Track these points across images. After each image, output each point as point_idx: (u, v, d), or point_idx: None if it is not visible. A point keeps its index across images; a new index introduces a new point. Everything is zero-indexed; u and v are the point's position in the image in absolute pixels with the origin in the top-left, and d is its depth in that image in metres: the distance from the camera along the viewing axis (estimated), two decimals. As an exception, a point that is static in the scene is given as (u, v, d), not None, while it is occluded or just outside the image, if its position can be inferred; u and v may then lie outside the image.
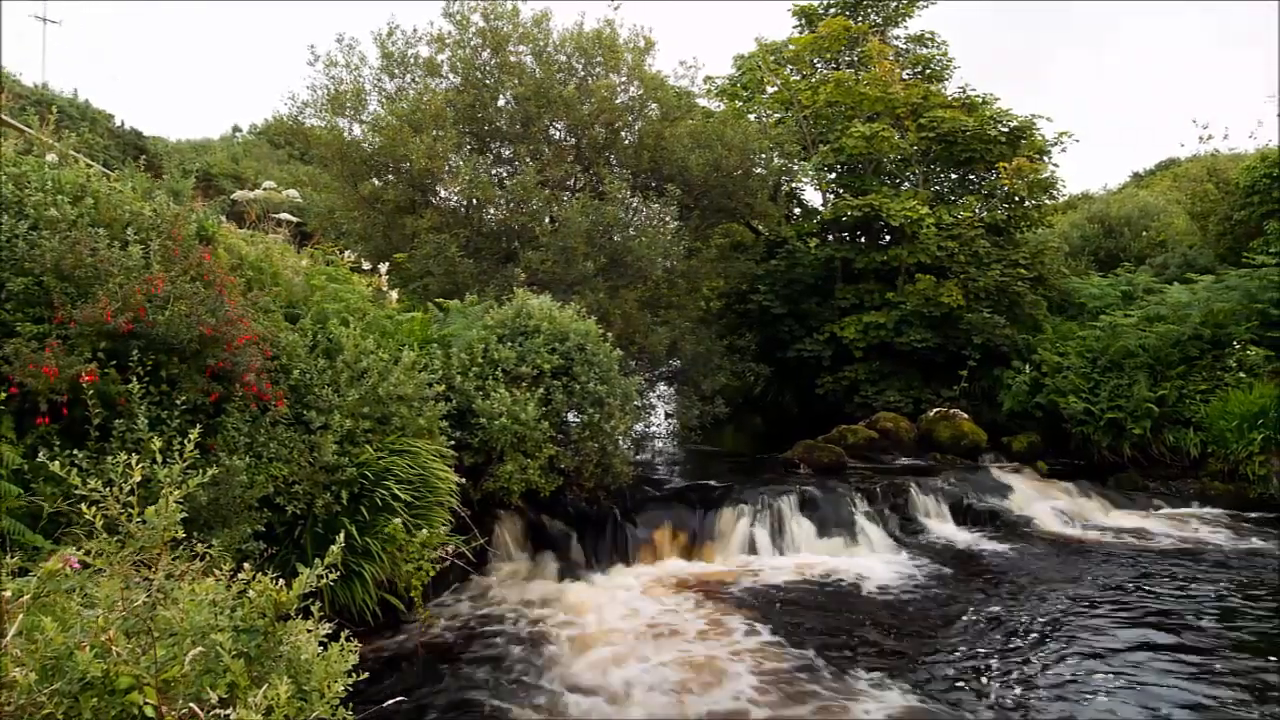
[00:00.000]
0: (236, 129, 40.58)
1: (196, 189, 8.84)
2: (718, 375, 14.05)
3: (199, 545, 4.36)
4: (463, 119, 13.10)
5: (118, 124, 29.71)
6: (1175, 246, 21.51)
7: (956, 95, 17.99)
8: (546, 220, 12.52)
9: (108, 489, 3.22)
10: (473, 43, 13.43)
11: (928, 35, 20.09)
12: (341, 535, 4.08)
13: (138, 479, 3.25)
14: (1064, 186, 18.38)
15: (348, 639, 3.40)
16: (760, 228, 16.66)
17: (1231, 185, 20.39)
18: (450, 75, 13.58)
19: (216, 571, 3.61)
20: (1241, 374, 13.26)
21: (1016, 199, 17.31)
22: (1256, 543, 10.63)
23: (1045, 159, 17.32)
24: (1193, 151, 28.58)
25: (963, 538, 10.96)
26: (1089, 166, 77.31)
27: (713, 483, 11.51)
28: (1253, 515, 11.82)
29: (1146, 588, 8.97)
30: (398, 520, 7.05)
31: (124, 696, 2.74)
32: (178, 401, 5.88)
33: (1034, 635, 7.75)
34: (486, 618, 7.96)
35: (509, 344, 9.36)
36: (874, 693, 6.61)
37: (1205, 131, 24.39)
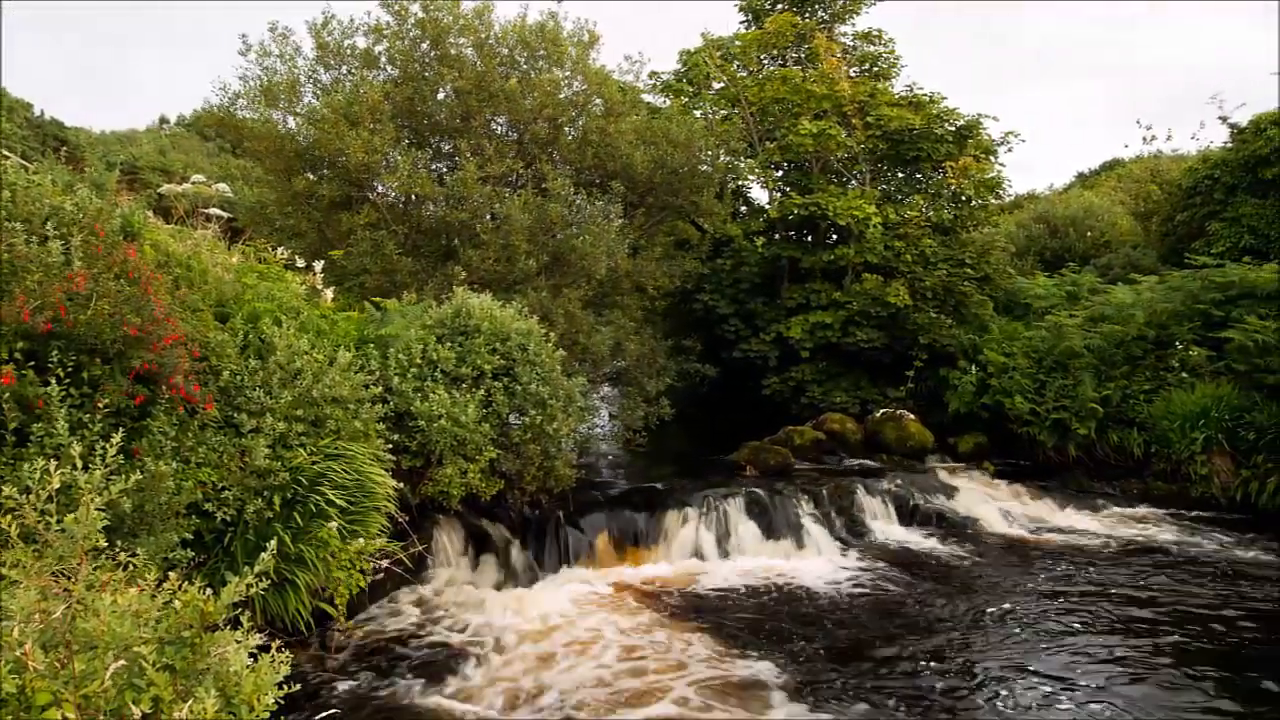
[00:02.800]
0: (164, 120, 39.76)
1: (121, 182, 8.56)
2: (663, 376, 13.96)
3: (122, 554, 4.18)
4: (401, 112, 12.85)
5: (37, 114, 28.98)
6: (1119, 247, 21.87)
7: (904, 93, 18.08)
8: (488, 217, 12.32)
9: (24, 496, 3.12)
10: (411, 34, 13.16)
11: (875, 33, 20.21)
12: (273, 542, 3.92)
13: (56, 485, 3.14)
14: (1010, 186, 18.63)
15: (279, 649, 3.29)
16: (706, 226, 16.59)
17: (1174, 186, 20.82)
18: (388, 67, 13.29)
19: (141, 581, 3.47)
20: (1184, 374, 13.43)
21: (963, 198, 17.42)
22: (1199, 542, 10.76)
23: (992, 158, 17.47)
24: (1137, 152, 29.14)
25: (909, 539, 10.96)
26: (1035, 166, 78.86)
27: (658, 485, 11.41)
28: (1195, 514, 11.98)
29: (1091, 588, 9.03)
30: (333, 526, 6.84)
31: (41, 713, 2.62)
32: (100, 404, 5.61)
33: (978, 637, 7.75)
34: (424, 625, 7.76)
35: (449, 344, 9.17)
36: (816, 696, 6.54)
37: (1149, 132, 24.90)
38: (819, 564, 10.01)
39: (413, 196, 12.32)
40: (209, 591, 3.18)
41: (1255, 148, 17.58)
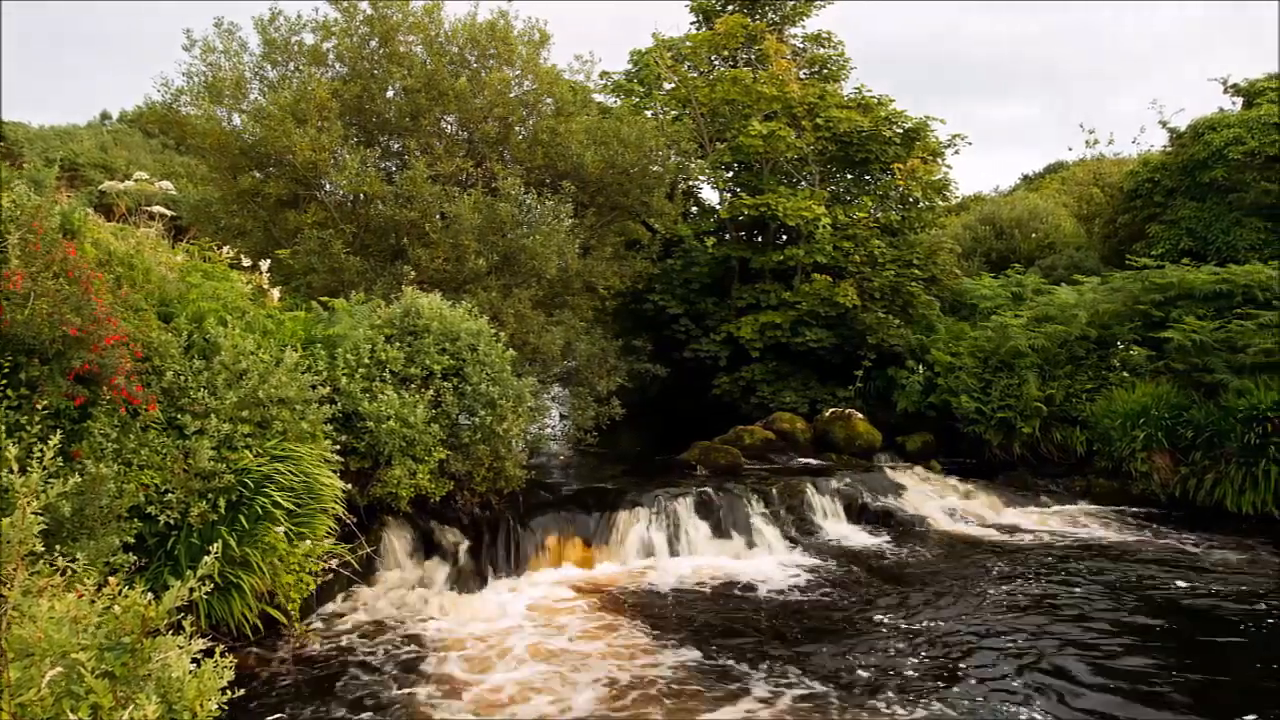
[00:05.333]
0: (106, 116, 38.87)
1: (61, 179, 8.39)
2: (614, 376, 13.94)
3: (61, 559, 4.11)
4: (349, 110, 12.71)
5: (-28, 109, 28.24)
6: (1063, 248, 22.26)
7: (853, 95, 18.24)
8: (437, 217, 12.23)
9: (-43, 500, 3.05)
10: (360, 31, 13.04)
11: (824, 35, 20.36)
12: (218, 545, 3.87)
13: (-11, 489, 3.07)
14: (957, 188, 18.86)
15: (223, 654, 3.26)
16: (656, 226, 16.60)
17: (1115, 189, 21.20)
18: (336, 65, 13.15)
19: (80, 586, 3.41)
20: (1125, 373, 13.70)
21: (911, 200, 17.63)
22: (1139, 537, 11.00)
23: (939, 160, 17.69)
24: (1080, 155, 29.67)
25: (858, 538, 11.06)
26: (982, 168, 79.78)
27: (609, 485, 11.41)
28: (1135, 510, 12.25)
29: (1034, 584, 9.16)
30: (279, 529, 6.77)
31: (-24, 722, 2.57)
32: (39, 406, 5.52)
33: (923, 633, 7.83)
34: (371, 629, 7.70)
35: (397, 344, 9.10)
36: (764, 695, 6.58)
37: (1092, 136, 25.46)
38: (769, 562, 10.07)
39: (361, 195, 12.21)
40: (151, 596, 3.13)
41: (1194, 152, 17.98)
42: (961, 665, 7.12)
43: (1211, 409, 12.44)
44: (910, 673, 7.01)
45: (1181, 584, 9.16)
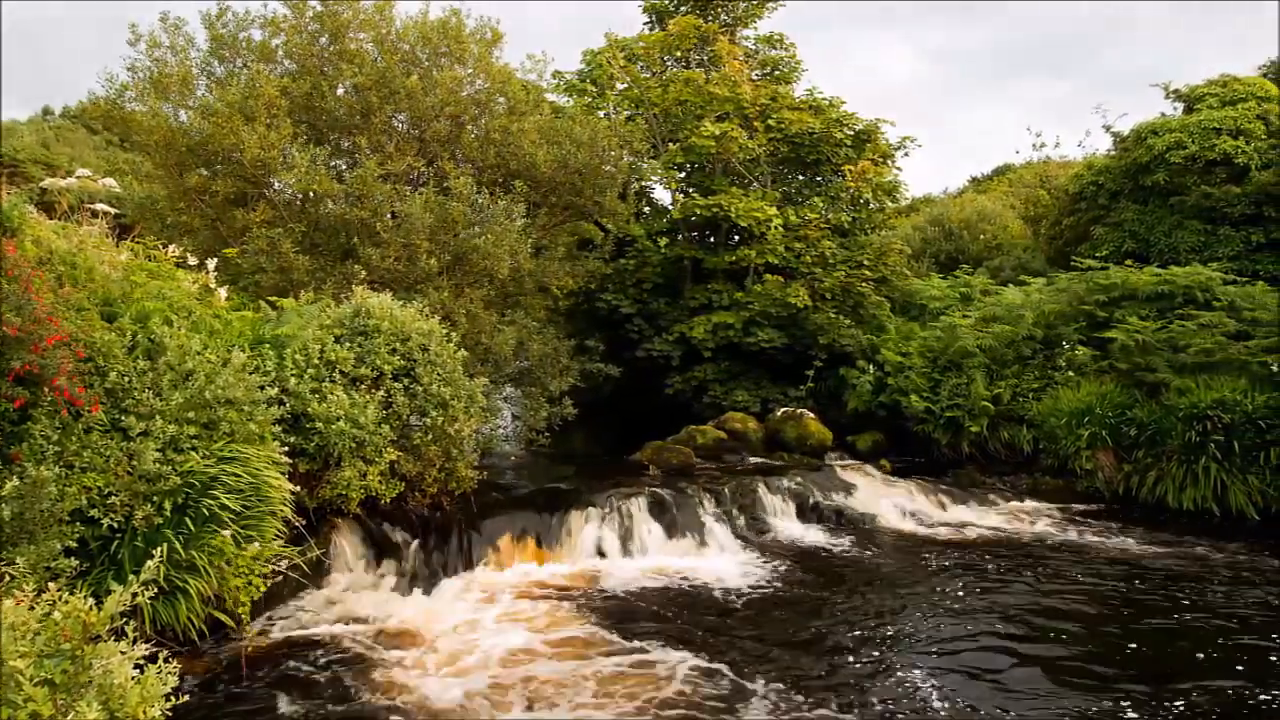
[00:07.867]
0: (48, 111, 38.13)
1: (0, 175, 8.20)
2: (566, 376, 13.91)
3: (-1, 564, 4.04)
4: (298, 108, 12.56)
5: (-94, 102, 27.68)
6: (1010, 250, 22.63)
7: (804, 97, 18.39)
8: (388, 216, 12.12)
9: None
10: (310, 28, 12.89)
11: (777, 37, 20.50)
12: (163, 549, 3.81)
13: (-76, 494, 3.01)
14: (907, 190, 19.11)
15: (168, 659, 3.21)
16: (609, 226, 16.59)
17: (1061, 192, 21.61)
18: (285, 61, 12.99)
19: (18, 592, 3.34)
20: (1070, 373, 13.97)
21: (861, 201, 17.82)
22: (1084, 534, 11.18)
23: (889, 163, 17.90)
24: (1027, 158, 30.19)
25: (808, 536, 11.14)
26: (931, 170, 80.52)
27: (561, 485, 11.39)
28: (1080, 507, 12.46)
29: (981, 580, 9.29)
30: (226, 532, 6.68)
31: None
32: (-25, 408, 5.39)
33: (872, 629, 7.91)
34: (321, 633, 7.61)
35: (347, 344, 9.00)
36: (711, 691, 6.61)
37: (1038, 139, 25.83)
38: (721, 562, 10.10)
39: (311, 194, 12.05)
40: (93, 602, 3.08)
41: (1136, 156, 18.34)
42: (903, 664, 7.19)
43: (1154, 408, 12.70)
44: (856, 667, 7.08)
45: (1123, 579, 9.33)
